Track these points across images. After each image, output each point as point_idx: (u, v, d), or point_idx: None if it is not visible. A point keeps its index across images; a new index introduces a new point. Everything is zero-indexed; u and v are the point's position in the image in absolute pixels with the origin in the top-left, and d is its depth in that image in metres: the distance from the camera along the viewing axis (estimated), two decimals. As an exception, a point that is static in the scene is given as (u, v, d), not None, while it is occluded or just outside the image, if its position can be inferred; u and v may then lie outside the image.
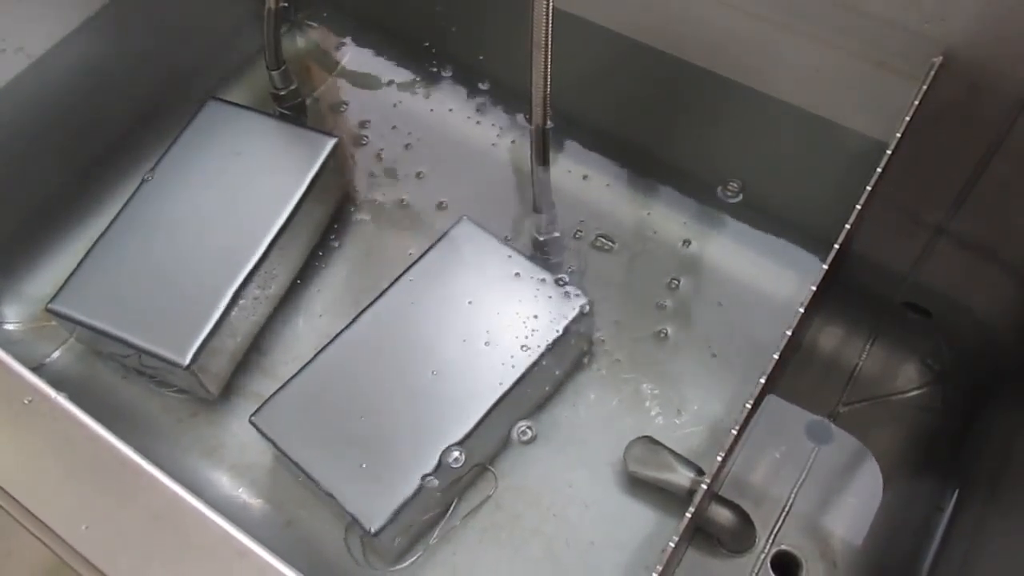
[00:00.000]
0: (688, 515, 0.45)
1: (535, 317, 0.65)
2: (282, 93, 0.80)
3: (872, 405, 0.70)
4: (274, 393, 0.64)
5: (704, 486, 0.47)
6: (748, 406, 0.47)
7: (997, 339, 0.69)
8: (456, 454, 0.61)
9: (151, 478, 0.44)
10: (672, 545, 0.45)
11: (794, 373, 0.70)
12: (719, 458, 0.47)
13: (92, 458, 0.45)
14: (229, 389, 0.71)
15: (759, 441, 0.67)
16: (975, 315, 0.69)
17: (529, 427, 0.68)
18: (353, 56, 0.91)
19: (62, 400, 0.47)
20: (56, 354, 0.74)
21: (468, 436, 0.61)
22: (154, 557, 0.42)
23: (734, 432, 0.47)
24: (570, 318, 0.65)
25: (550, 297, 0.66)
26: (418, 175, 0.82)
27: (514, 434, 0.68)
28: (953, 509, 0.65)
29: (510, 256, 0.68)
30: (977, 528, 0.59)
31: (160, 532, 0.43)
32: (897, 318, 0.73)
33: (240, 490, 0.67)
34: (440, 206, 0.79)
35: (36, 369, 0.70)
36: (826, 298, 0.71)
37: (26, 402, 0.47)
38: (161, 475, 0.44)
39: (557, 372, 0.69)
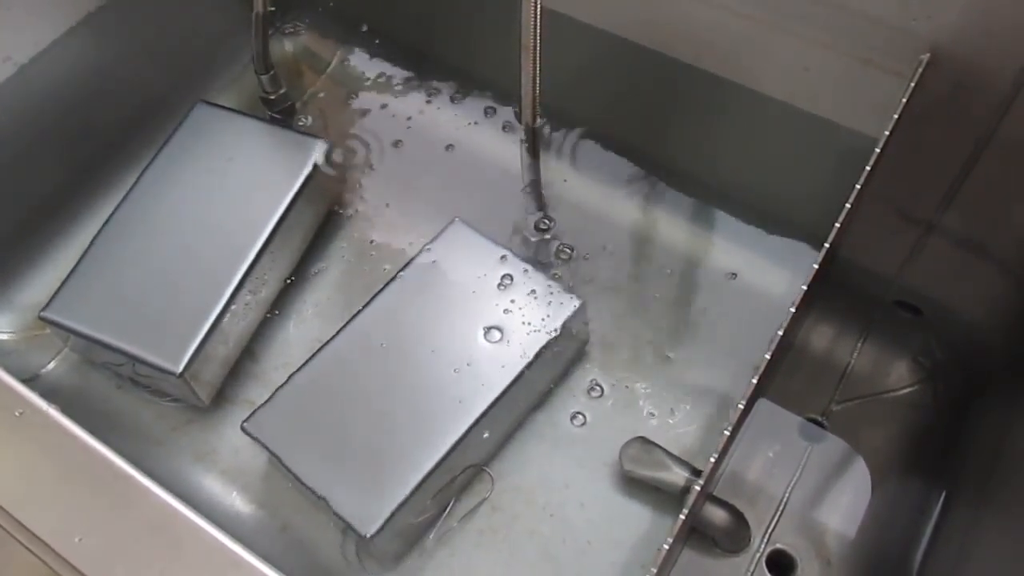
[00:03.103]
0: (682, 517, 0.45)
1: (529, 318, 0.65)
2: (272, 97, 0.80)
3: (864, 403, 0.70)
4: (267, 399, 0.64)
5: (698, 488, 0.47)
6: (740, 407, 0.48)
7: (987, 336, 0.69)
8: None
9: (144, 489, 0.44)
10: (666, 547, 0.45)
11: (787, 372, 0.71)
12: (712, 460, 0.47)
13: (85, 470, 0.45)
14: (221, 396, 0.71)
15: (752, 442, 0.68)
16: (965, 313, 0.69)
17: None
18: (342, 59, 0.91)
19: (54, 412, 0.46)
20: (51, 365, 0.74)
21: (463, 438, 0.61)
22: (148, 568, 0.42)
23: (727, 433, 0.47)
24: (564, 318, 0.65)
25: (544, 298, 0.66)
26: (409, 177, 0.82)
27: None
28: (945, 505, 0.65)
29: (503, 257, 0.68)
30: (969, 524, 0.59)
31: (154, 543, 0.43)
32: (888, 316, 0.73)
33: (234, 496, 0.67)
34: (432, 208, 0.79)
35: (31, 380, 0.70)
36: (818, 297, 0.72)
37: (17, 414, 0.47)
38: (154, 485, 0.44)
39: (552, 372, 0.69)
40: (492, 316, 0.66)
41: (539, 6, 0.58)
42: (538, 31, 0.59)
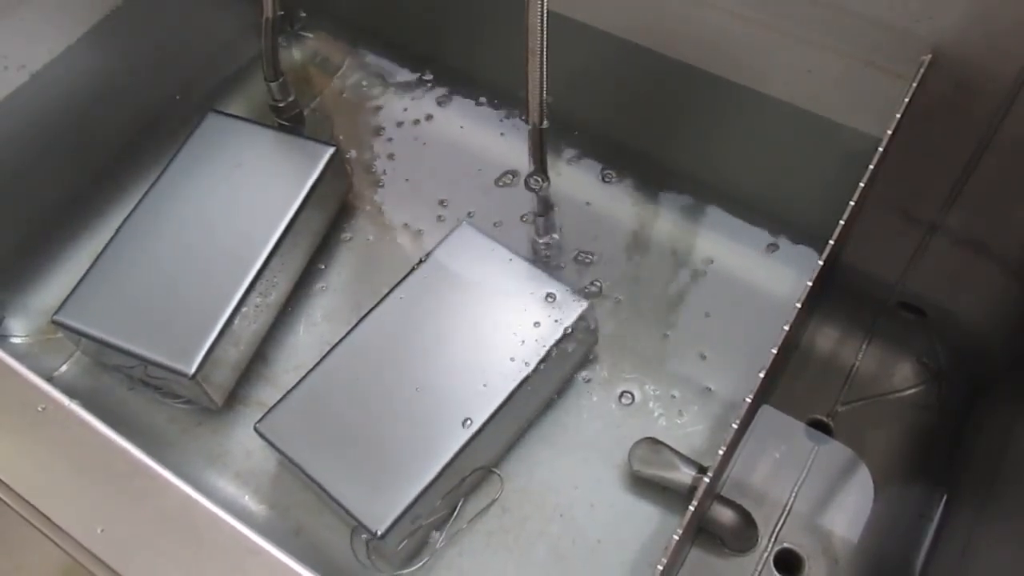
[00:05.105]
0: (691, 509, 0.46)
1: (537, 321, 0.66)
2: (281, 105, 0.81)
3: (870, 404, 0.70)
4: (278, 401, 0.65)
5: (706, 480, 0.48)
6: (748, 400, 0.48)
7: (990, 338, 0.69)
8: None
9: (163, 481, 0.44)
10: (676, 539, 0.45)
11: (793, 374, 0.71)
12: (720, 452, 0.47)
13: (105, 463, 0.46)
14: (233, 398, 0.71)
15: (759, 444, 0.68)
16: (969, 314, 0.70)
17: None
18: (350, 65, 0.92)
19: (75, 407, 0.47)
20: (64, 367, 0.74)
21: (472, 440, 0.62)
22: (168, 558, 0.43)
23: (735, 426, 0.48)
24: (572, 320, 0.66)
25: (551, 300, 0.67)
26: (417, 181, 0.82)
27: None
28: (950, 504, 0.65)
29: (510, 260, 0.69)
30: (972, 525, 0.60)
31: (173, 533, 0.44)
32: (892, 318, 0.74)
33: (246, 497, 0.68)
34: (440, 211, 0.80)
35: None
36: (822, 299, 0.72)
37: (40, 410, 0.48)
38: (173, 477, 0.44)
39: (560, 375, 0.69)
40: (499, 318, 0.66)
41: (545, 11, 0.59)
42: (544, 35, 0.59)
